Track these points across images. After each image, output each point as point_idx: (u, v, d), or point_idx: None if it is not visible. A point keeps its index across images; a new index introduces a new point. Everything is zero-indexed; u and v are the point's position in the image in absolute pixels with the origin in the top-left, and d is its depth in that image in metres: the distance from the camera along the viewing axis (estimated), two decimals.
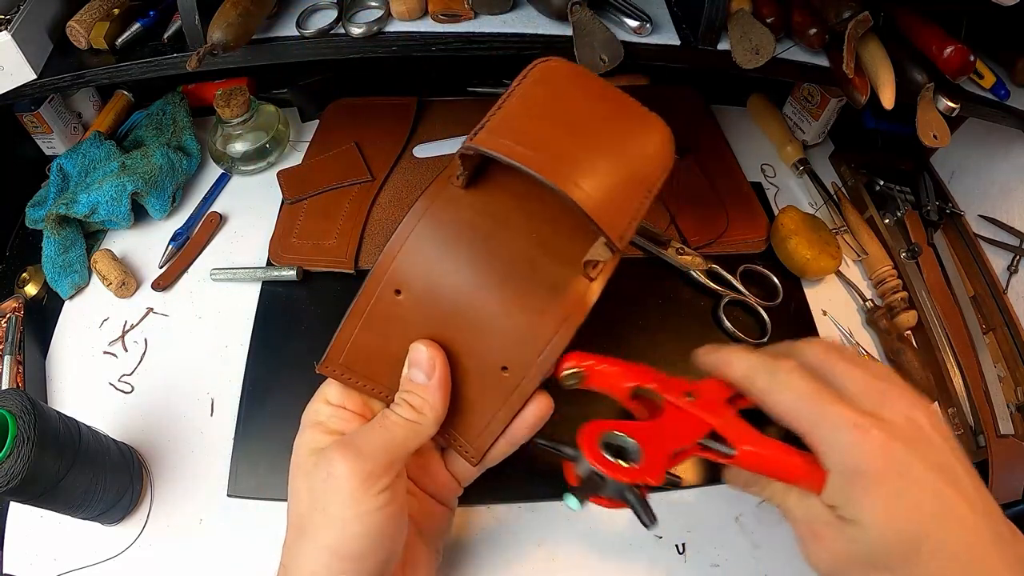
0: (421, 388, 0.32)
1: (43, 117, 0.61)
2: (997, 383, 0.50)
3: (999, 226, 0.59)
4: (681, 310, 0.54)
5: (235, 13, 0.43)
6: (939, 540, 0.27)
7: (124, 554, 0.42)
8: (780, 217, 0.56)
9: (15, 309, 0.53)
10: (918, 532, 0.27)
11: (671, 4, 0.49)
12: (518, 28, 0.46)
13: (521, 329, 0.32)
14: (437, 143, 0.65)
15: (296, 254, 0.55)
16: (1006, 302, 0.55)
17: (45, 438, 0.36)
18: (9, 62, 0.47)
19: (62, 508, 0.39)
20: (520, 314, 0.31)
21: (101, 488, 0.40)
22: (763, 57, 0.44)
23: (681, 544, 0.44)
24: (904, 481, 0.27)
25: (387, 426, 0.31)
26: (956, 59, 0.44)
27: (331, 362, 0.34)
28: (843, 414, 0.28)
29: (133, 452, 0.45)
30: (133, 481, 0.43)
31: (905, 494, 0.27)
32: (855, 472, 0.28)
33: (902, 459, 0.27)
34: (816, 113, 0.64)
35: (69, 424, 0.39)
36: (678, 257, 0.55)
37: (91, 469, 0.39)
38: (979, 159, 0.62)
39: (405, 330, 0.33)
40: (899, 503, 0.27)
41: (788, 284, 0.55)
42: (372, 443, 0.30)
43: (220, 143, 0.62)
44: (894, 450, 0.27)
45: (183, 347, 0.52)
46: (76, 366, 0.51)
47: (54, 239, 0.53)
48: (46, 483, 0.36)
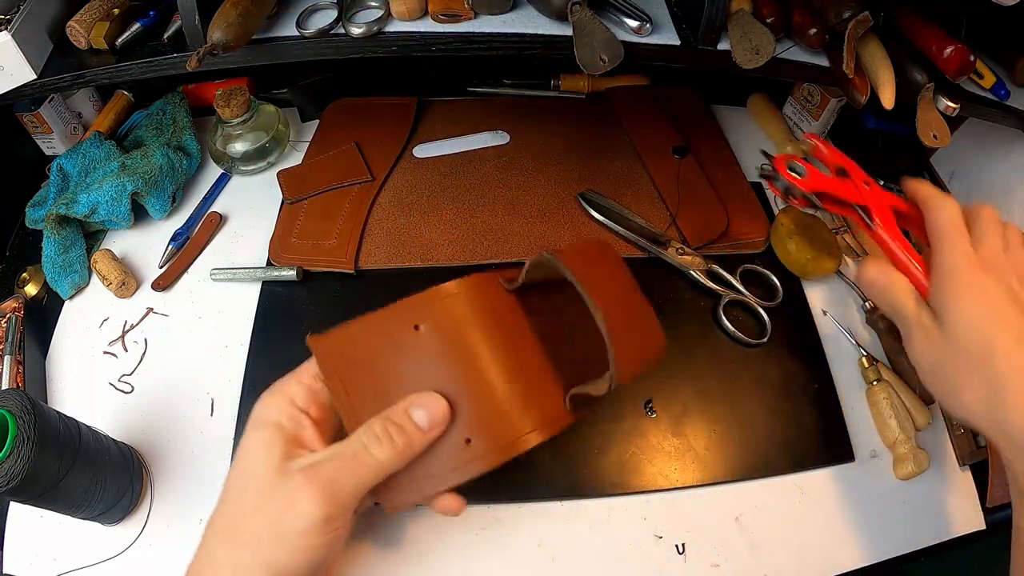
0: (416, 433, 0.32)
1: (43, 117, 0.61)
2: None
3: None
4: (681, 310, 0.54)
5: (235, 13, 0.43)
6: (1007, 351, 0.32)
7: (124, 554, 0.42)
8: (780, 217, 0.56)
9: (15, 309, 0.53)
10: (991, 337, 0.32)
11: (671, 4, 0.49)
12: (518, 28, 0.46)
13: (501, 413, 0.34)
14: (437, 143, 0.65)
15: (296, 254, 0.55)
16: None
17: (45, 438, 0.35)
18: (9, 62, 0.46)
19: (62, 508, 0.39)
20: (507, 400, 0.35)
21: (101, 488, 0.40)
22: (763, 57, 0.44)
23: (681, 544, 0.44)
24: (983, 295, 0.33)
25: (362, 465, 0.31)
26: (956, 59, 0.44)
27: (327, 344, 0.34)
28: (960, 234, 0.35)
29: (133, 452, 0.45)
30: (133, 481, 0.43)
31: (980, 303, 0.33)
32: (950, 272, 0.34)
33: (982, 280, 0.34)
34: (816, 113, 0.64)
35: (69, 424, 0.39)
36: (678, 257, 0.55)
37: (91, 469, 0.39)
38: (979, 159, 0.62)
39: (401, 360, 0.34)
40: (975, 310, 0.33)
41: (788, 284, 0.55)
42: (344, 486, 0.30)
43: (220, 143, 0.62)
44: (982, 269, 0.34)
45: (183, 347, 0.52)
46: (76, 366, 0.51)
47: (54, 239, 0.53)
48: (46, 483, 0.36)
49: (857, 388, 0.51)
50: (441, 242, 0.57)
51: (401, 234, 0.57)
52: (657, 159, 0.63)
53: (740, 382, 0.50)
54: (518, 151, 0.64)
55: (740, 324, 0.52)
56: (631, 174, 0.62)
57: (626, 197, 0.60)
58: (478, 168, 0.63)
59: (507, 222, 0.58)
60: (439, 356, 0.34)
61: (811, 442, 0.48)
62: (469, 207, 0.60)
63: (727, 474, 0.46)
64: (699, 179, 0.61)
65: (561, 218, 0.59)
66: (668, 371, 0.50)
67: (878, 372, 0.50)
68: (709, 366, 0.51)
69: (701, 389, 0.50)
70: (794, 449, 0.47)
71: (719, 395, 0.49)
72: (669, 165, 0.62)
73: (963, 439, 0.49)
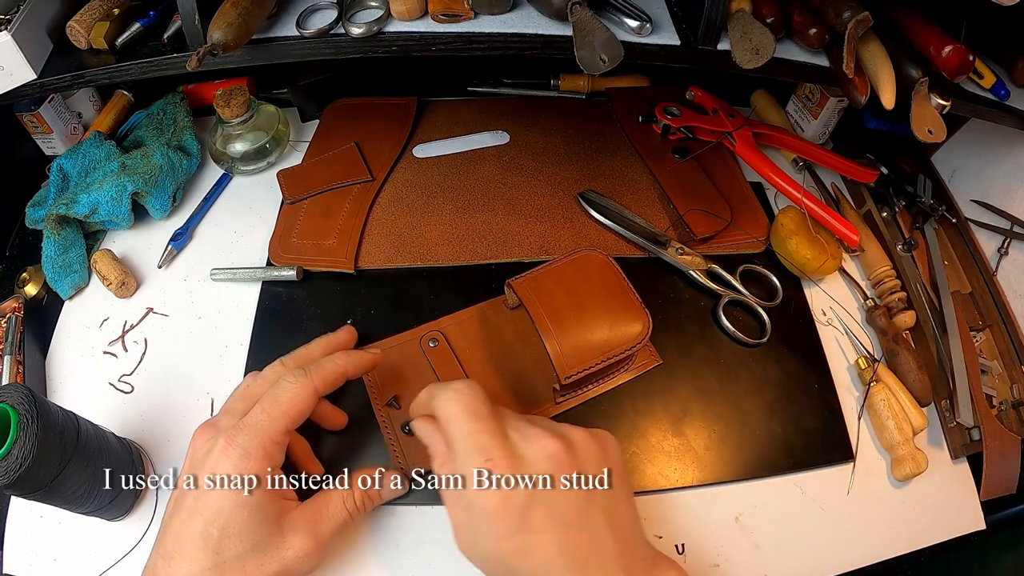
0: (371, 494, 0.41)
1: (43, 117, 0.61)
2: (967, 376, 0.50)
3: (991, 210, 0.59)
4: (681, 310, 0.54)
5: (235, 13, 0.43)
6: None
7: (129, 556, 0.42)
8: (780, 217, 0.56)
9: (15, 309, 0.53)
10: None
11: (671, 4, 0.49)
12: (518, 28, 0.46)
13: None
14: (437, 143, 0.65)
15: (296, 254, 0.55)
16: (1004, 300, 0.56)
17: (47, 432, 0.35)
18: (9, 62, 0.46)
19: (63, 503, 0.39)
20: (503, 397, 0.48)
21: (101, 482, 0.40)
22: (763, 57, 0.44)
23: (681, 544, 0.44)
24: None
25: (342, 513, 0.39)
26: (955, 58, 0.44)
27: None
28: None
29: (134, 446, 0.45)
30: (135, 476, 0.43)
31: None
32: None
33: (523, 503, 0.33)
34: (815, 111, 0.64)
35: (68, 417, 0.39)
36: (678, 257, 0.55)
37: (91, 462, 0.39)
38: (981, 159, 0.62)
39: (414, 357, 0.49)
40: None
41: (788, 284, 0.55)
42: (329, 530, 0.38)
43: (220, 143, 0.62)
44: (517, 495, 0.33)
45: (183, 347, 0.52)
46: (76, 366, 0.51)
47: (54, 239, 0.53)
48: (48, 477, 0.36)
49: (857, 388, 0.51)
50: (441, 242, 0.57)
51: (401, 234, 0.57)
52: (658, 159, 0.63)
53: (740, 382, 0.50)
54: (518, 151, 0.64)
55: (740, 324, 0.52)
56: (631, 174, 0.62)
57: (626, 197, 0.60)
58: (478, 168, 0.63)
59: (507, 222, 0.58)
60: (444, 358, 0.49)
61: (811, 442, 0.48)
62: (469, 207, 0.60)
63: (727, 474, 0.46)
64: (700, 178, 0.61)
65: (561, 218, 0.59)
66: (668, 371, 0.50)
67: (876, 373, 0.50)
68: (709, 366, 0.51)
69: (701, 389, 0.50)
70: (794, 449, 0.47)
71: (719, 395, 0.49)
72: (670, 165, 0.62)
73: (955, 432, 0.49)
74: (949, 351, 0.51)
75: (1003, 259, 0.57)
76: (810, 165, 0.64)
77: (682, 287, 0.55)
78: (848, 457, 0.47)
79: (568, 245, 0.57)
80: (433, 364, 0.49)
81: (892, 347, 0.52)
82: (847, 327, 0.54)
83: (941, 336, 0.52)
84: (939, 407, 0.51)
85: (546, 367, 0.44)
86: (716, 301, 0.54)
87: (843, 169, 0.60)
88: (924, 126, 0.45)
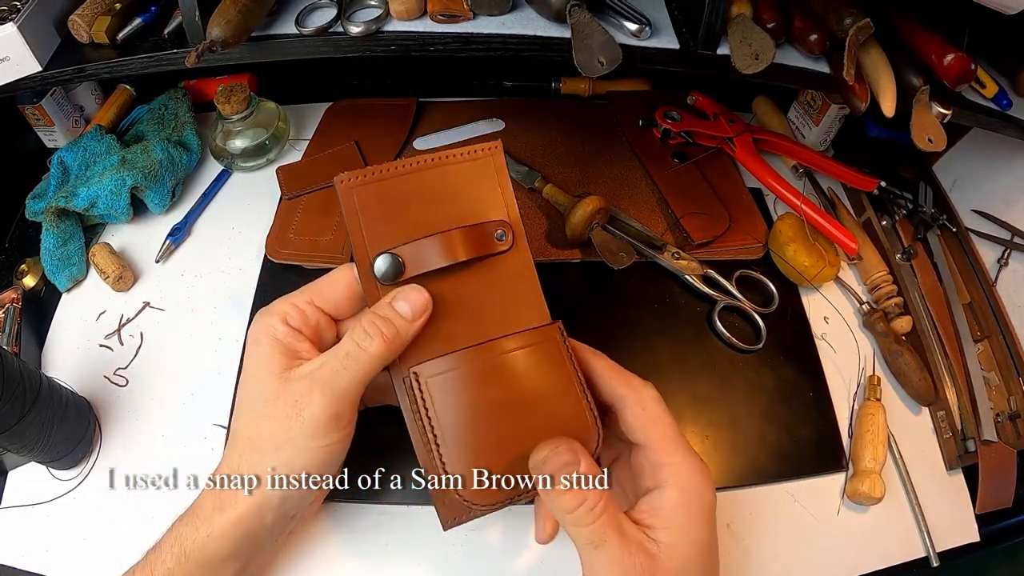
0: (402, 323, 0.33)
1: (45, 110, 0.61)
2: (983, 388, 0.50)
3: (992, 220, 0.59)
4: (676, 315, 0.54)
5: (235, 10, 0.43)
6: None
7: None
8: (779, 223, 0.56)
9: (13, 300, 0.53)
10: None
11: (671, 8, 0.49)
12: (517, 29, 0.46)
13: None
14: (436, 134, 0.65)
15: (293, 250, 0.56)
16: (1002, 311, 0.55)
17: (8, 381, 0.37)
18: (14, 53, 0.47)
19: (19, 447, 0.41)
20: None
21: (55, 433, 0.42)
22: (763, 62, 0.44)
23: None
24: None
25: (357, 362, 0.33)
26: (956, 67, 0.43)
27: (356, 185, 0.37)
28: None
29: (88, 405, 0.47)
30: (88, 433, 0.46)
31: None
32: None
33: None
34: (817, 118, 0.64)
35: (31, 371, 0.41)
36: (674, 262, 0.55)
37: (47, 413, 0.41)
38: (982, 169, 0.61)
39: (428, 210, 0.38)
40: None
41: (784, 290, 0.55)
42: (344, 384, 0.32)
43: (220, 139, 0.62)
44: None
45: (179, 341, 0.52)
46: (72, 358, 0.51)
47: (53, 232, 0.54)
48: (8, 422, 0.38)
49: (852, 398, 0.50)
50: None
51: None
52: (657, 163, 0.62)
53: (734, 388, 0.50)
54: (518, 152, 0.64)
55: (735, 330, 0.52)
56: (630, 177, 0.62)
57: (624, 201, 0.60)
58: None
59: None
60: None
61: (804, 450, 0.47)
62: None
63: (719, 481, 0.46)
64: (699, 183, 0.61)
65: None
66: (662, 377, 0.50)
67: (876, 391, 0.49)
68: (703, 372, 0.51)
69: (694, 395, 0.49)
70: (787, 457, 0.47)
71: (713, 401, 0.49)
72: (669, 169, 0.62)
73: (950, 443, 0.49)
74: (964, 360, 0.51)
75: (1003, 270, 0.57)
76: (810, 172, 0.63)
77: (677, 292, 0.55)
78: (841, 466, 0.47)
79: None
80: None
81: (895, 348, 0.51)
82: (844, 331, 0.53)
83: (941, 346, 0.52)
84: (934, 417, 0.50)
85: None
86: (712, 306, 0.53)
87: (843, 176, 0.60)
88: (924, 135, 0.45)
